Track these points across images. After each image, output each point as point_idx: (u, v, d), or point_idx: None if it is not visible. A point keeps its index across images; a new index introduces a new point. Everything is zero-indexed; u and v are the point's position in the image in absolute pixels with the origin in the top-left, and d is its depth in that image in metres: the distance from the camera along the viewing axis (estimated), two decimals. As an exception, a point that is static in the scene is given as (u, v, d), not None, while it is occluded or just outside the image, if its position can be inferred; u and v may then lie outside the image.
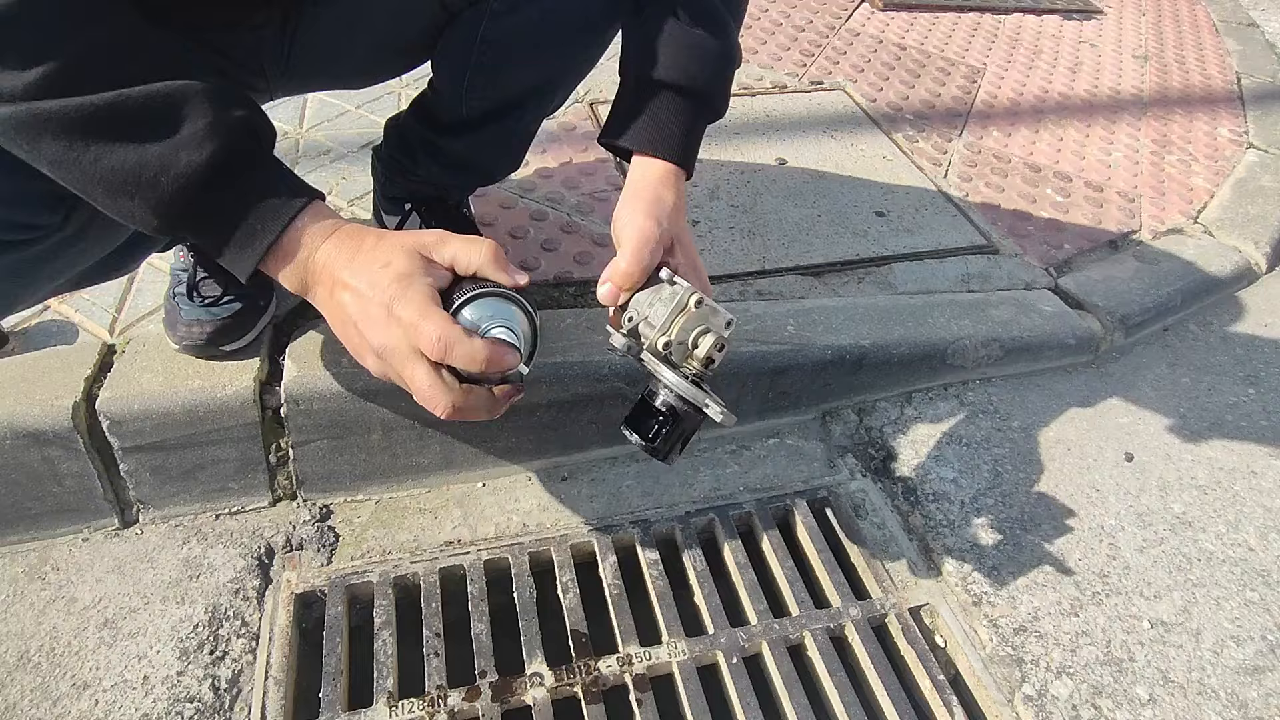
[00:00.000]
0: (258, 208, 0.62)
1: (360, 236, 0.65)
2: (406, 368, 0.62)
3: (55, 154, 0.58)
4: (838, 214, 1.50)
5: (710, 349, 0.70)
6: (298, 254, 0.64)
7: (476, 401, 0.65)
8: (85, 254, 0.77)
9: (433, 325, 0.60)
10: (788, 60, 2.01)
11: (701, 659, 0.96)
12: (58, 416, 0.92)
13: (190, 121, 0.60)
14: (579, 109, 1.67)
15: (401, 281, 0.61)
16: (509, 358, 0.63)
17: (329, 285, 0.64)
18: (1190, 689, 0.95)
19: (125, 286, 1.12)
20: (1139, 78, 2.24)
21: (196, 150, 0.59)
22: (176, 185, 0.60)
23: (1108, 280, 1.48)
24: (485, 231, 1.30)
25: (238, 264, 0.64)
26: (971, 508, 1.12)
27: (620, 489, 1.12)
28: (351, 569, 0.99)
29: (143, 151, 0.59)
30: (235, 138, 0.61)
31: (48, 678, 0.86)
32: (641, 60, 0.80)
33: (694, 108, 0.80)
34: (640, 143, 0.79)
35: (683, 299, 0.70)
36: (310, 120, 1.53)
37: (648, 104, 0.79)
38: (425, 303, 0.61)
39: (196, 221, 0.63)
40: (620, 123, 0.81)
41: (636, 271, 0.71)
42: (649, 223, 0.73)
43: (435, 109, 1.00)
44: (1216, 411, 1.33)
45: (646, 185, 0.77)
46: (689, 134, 0.80)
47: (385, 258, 0.63)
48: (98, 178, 0.59)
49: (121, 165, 0.59)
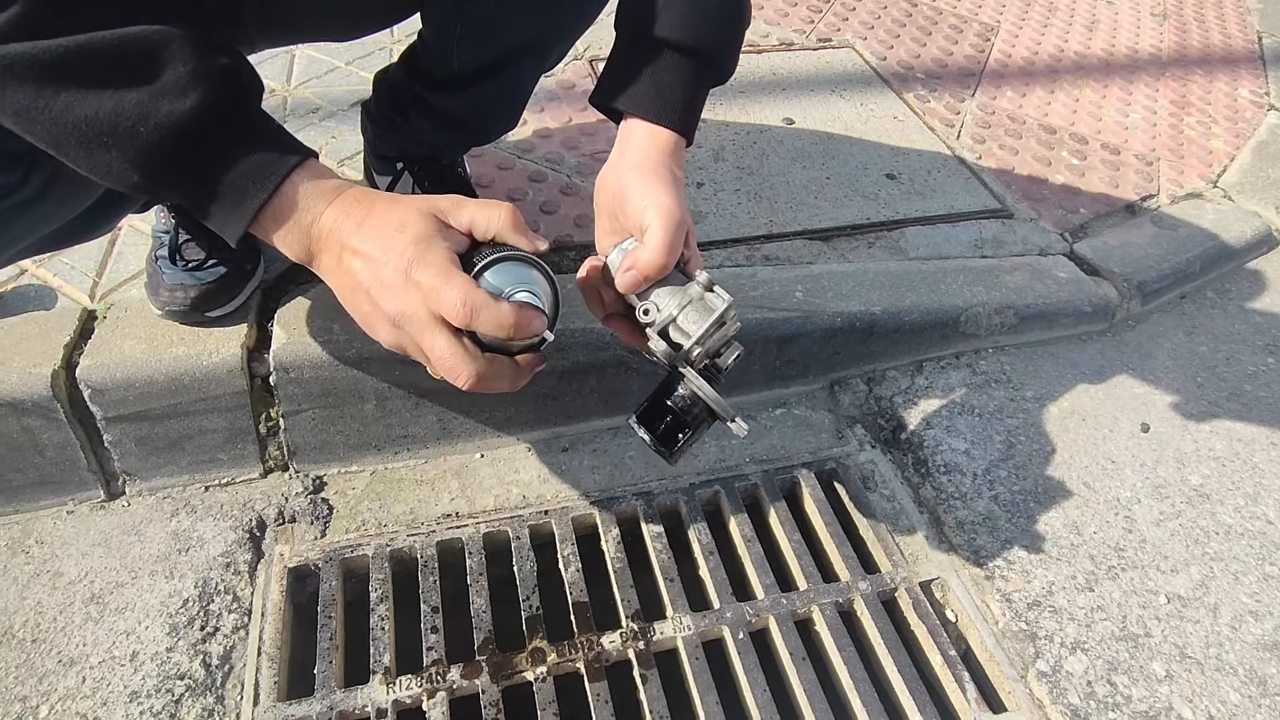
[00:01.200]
0: (246, 163, 0.58)
1: (370, 200, 0.60)
2: (425, 335, 0.58)
3: (21, 103, 0.54)
4: (847, 176, 1.44)
5: (733, 363, 0.69)
6: (294, 216, 0.59)
7: (500, 370, 0.61)
8: (50, 216, 0.72)
9: (456, 289, 0.56)
10: (795, 16, 1.93)
11: (707, 634, 0.93)
12: (36, 385, 0.88)
13: (171, 68, 0.55)
14: (578, 66, 1.61)
15: (419, 245, 0.57)
16: (536, 322, 0.60)
17: (336, 252, 0.60)
18: (1208, 665, 0.92)
19: (106, 249, 1.08)
20: (1157, 36, 2.17)
21: (179, 98, 0.55)
22: (157, 135, 0.55)
23: (1124, 246, 1.43)
24: (482, 193, 1.25)
25: (227, 226, 0.59)
26: (984, 479, 1.09)
27: (623, 460, 1.09)
28: (346, 542, 0.96)
29: (119, 99, 0.54)
30: (221, 86, 0.57)
31: (33, 654, 0.84)
32: (640, 12, 0.73)
33: (698, 69, 0.74)
34: (640, 107, 0.72)
35: (721, 314, 0.66)
36: (298, 77, 1.47)
37: (648, 64, 0.73)
38: (446, 266, 0.57)
39: (180, 177, 0.58)
40: (615, 82, 0.74)
41: (669, 262, 0.66)
42: (675, 205, 0.67)
43: (426, 63, 0.95)
44: (1235, 381, 1.29)
45: (656, 158, 0.71)
46: (693, 99, 0.74)
47: (399, 221, 0.58)
48: (69, 127, 0.54)
49: (96, 114, 0.54)
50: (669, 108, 0.72)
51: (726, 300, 0.67)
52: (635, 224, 0.68)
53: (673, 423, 0.69)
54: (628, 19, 0.75)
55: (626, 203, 0.69)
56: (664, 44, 0.72)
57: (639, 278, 0.67)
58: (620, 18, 0.76)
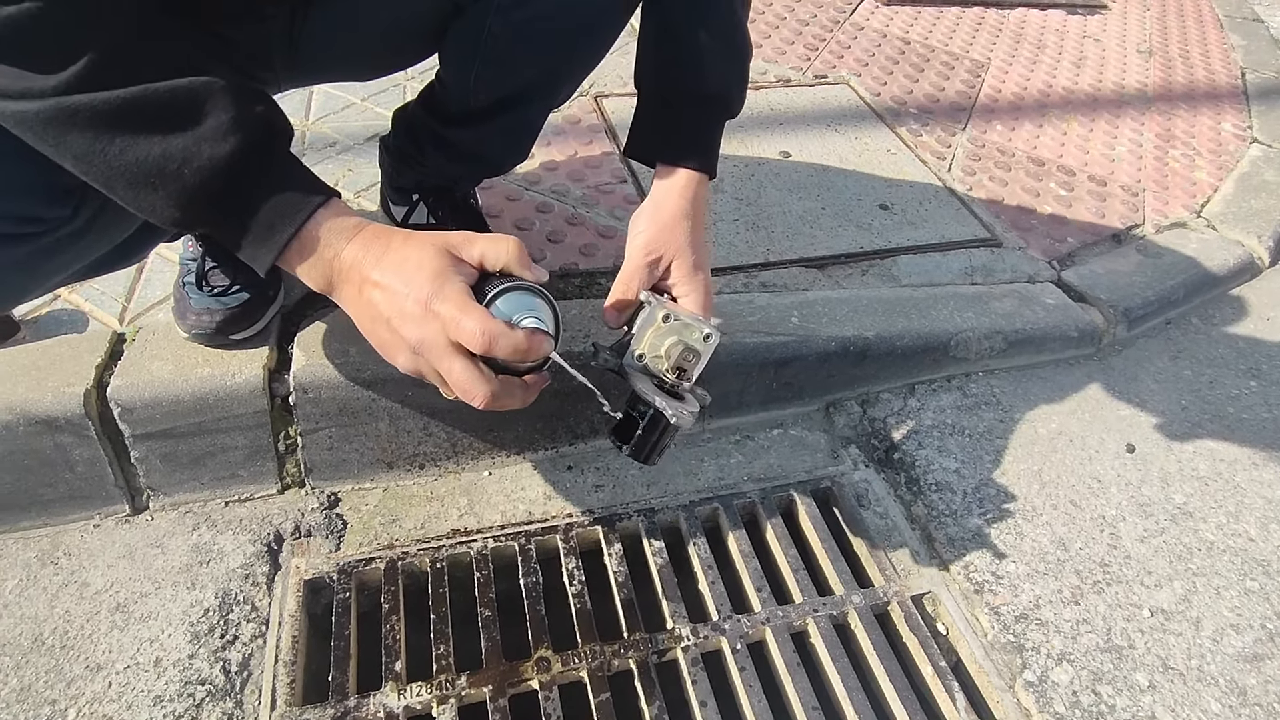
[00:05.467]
0: (276, 201, 0.64)
1: (388, 236, 0.66)
2: (444, 361, 0.64)
3: (81, 148, 0.59)
4: (842, 207, 1.50)
5: (678, 359, 0.77)
6: (318, 250, 0.65)
7: (510, 389, 0.68)
8: (93, 246, 0.78)
9: (475, 320, 0.62)
10: (792, 54, 2.01)
11: (706, 645, 0.97)
12: (69, 404, 0.93)
13: (213, 116, 0.61)
14: (583, 102, 1.68)
15: (438, 279, 0.63)
16: (545, 345, 0.66)
17: (357, 284, 0.65)
18: (1190, 676, 0.96)
19: (134, 276, 1.13)
20: (1143, 72, 2.24)
21: (220, 143, 0.61)
22: (200, 177, 0.61)
23: (1110, 273, 1.48)
24: (492, 223, 1.31)
25: (257, 258, 0.65)
26: (974, 497, 1.13)
27: (625, 478, 1.13)
28: (359, 556, 1.00)
29: (167, 144, 0.60)
30: (256, 133, 0.63)
31: (61, 660, 0.88)
32: (659, 76, 0.85)
33: (715, 114, 0.86)
34: (665, 156, 0.85)
35: (651, 314, 0.77)
36: (316, 112, 1.54)
37: (672, 119, 0.85)
38: (463, 298, 0.63)
39: (217, 214, 0.64)
40: (645, 138, 0.87)
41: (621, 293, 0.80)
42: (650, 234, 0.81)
43: (443, 101, 1.01)
44: (1218, 404, 1.33)
45: (670, 197, 0.83)
46: (712, 142, 0.86)
47: (417, 256, 0.64)
48: (121, 170, 0.60)
49: (146, 158, 0.60)
50: (691, 150, 0.85)
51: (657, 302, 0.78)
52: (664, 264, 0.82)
53: (634, 426, 0.78)
54: (648, 81, 0.87)
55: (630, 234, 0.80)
56: (684, 100, 0.85)
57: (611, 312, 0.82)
58: (640, 78, 0.87)
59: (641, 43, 0.86)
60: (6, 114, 0.58)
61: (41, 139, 0.59)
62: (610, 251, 1.30)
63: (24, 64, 0.56)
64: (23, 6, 0.54)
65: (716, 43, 0.82)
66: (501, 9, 0.86)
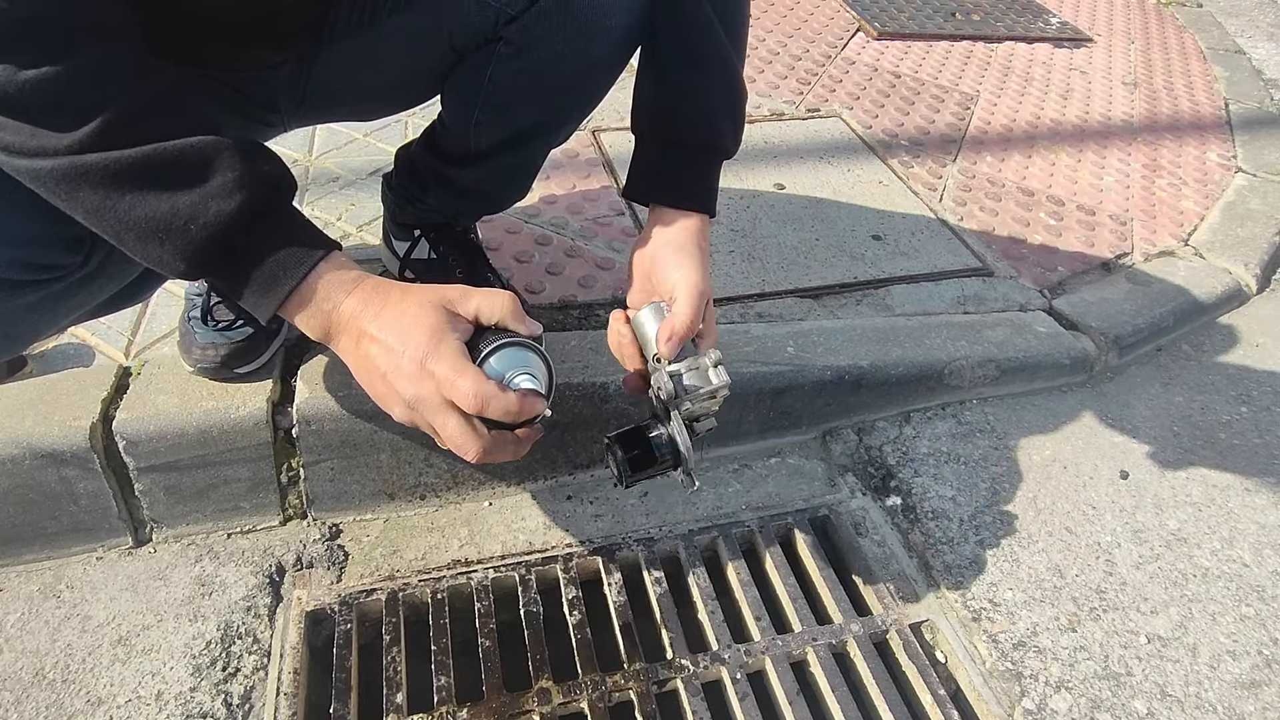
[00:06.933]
0: (279, 255, 0.66)
1: (386, 291, 0.68)
2: (438, 417, 0.66)
3: (92, 203, 0.62)
4: (835, 238, 1.53)
5: (705, 433, 0.80)
6: (316, 302, 0.67)
7: (503, 444, 0.69)
8: (102, 289, 0.80)
9: (469, 382, 0.64)
10: (785, 88, 2.05)
11: (706, 675, 0.97)
12: (75, 437, 0.94)
13: (220, 174, 0.63)
14: (581, 136, 1.71)
15: (434, 338, 0.65)
16: (538, 405, 0.68)
17: (355, 336, 0.68)
18: (1188, 703, 0.96)
19: (140, 311, 1.15)
20: (1129, 104, 2.29)
21: (226, 200, 0.63)
22: (205, 233, 0.63)
23: (1101, 302, 1.51)
24: (492, 256, 1.33)
25: (259, 307, 0.67)
26: (970, 525, 1.14)
27: (624, 508, 1.14)
28: (361, 587, 1.01)
29: (175, 200, 0.62)
30: (261, 190, 0.65)
31: (62, 694, 0.88)
32: (658, 119, 0.86)
33: (713, 158, 0.87)
34: (668, 199, 0.85)
35: (716, 387, 0.77)
36: (319, 148, 1.57)
37: (670, 164, 0.86)
38: (458, 359, 0.65)
39: (221, 266, 0.66)
40: (645, 182, 0.87)
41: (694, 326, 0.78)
42: (700, 280, 0.79)
43: (445, 142, 1.04)
44: (1210, 430, 1.35)
45: (686, 236, 0.83)
46: (711, 184, 0.87)
47: (414, 313, 0.66)
48: (130, 225, 0.63)
49: (154, 213, 0.62)
50: (693, 195, 0.85)
51: (725, 380, 0.77)
52: (666, 292, 0.80)
53: (642, 456, 0.78)
54: (647, 128, 0.88)
55: (659, 274, 0.81)
56: (683, 148, 0.85)
57: (676, 342, 0.77)
58: (638, 124, 0.89)
59: (638, 90, 0.88)
60: (22, 170, 0.61)
61: (55, 194, 0.62)
62: (609, 283, 1.32)
63: (40, 122, 0.58)
64: (42, 71, 0.57)
65: (713, 92, 0.84)
66: (502, 57, 0.88)
